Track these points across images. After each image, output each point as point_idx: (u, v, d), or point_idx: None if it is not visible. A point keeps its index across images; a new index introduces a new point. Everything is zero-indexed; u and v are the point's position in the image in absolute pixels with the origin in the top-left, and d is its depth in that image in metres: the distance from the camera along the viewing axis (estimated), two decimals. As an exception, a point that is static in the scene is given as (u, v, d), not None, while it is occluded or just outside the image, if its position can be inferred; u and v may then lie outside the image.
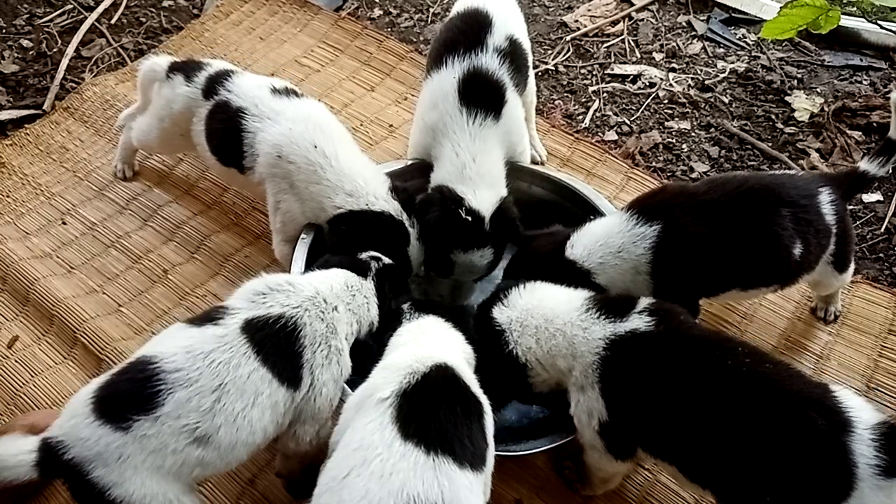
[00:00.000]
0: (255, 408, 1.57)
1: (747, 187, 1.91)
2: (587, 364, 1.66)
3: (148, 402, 1.49)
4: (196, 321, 1.65)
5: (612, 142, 2.95)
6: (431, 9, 3.57)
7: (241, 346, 1.58)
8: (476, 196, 2.09)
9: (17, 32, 3.41)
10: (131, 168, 2.78)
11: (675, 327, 1.64)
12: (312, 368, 1.66)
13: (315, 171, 2.08)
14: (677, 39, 3.39)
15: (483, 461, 1.47)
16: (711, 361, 1.56)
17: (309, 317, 1.67)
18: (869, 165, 2.05)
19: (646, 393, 1.60)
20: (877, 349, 2.30)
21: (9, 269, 2.45)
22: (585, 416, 1.68)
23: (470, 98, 2.16)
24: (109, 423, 1.47)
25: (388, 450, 1.35)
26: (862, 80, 3.17)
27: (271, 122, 2.16)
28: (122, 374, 1.56)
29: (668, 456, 1.62)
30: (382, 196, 2.10)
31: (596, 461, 1.78)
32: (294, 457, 1.83)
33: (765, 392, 1.50)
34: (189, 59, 2.48)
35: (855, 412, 1.47)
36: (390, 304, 1.88)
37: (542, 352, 1.74)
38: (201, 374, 1.53)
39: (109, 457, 1.46)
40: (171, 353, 1.55)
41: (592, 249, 1.94)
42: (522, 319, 1.77)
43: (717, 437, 1.52)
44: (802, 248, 1.90)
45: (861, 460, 1.42)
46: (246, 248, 2.56)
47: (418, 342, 1.67)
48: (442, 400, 1.47)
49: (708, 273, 1.92)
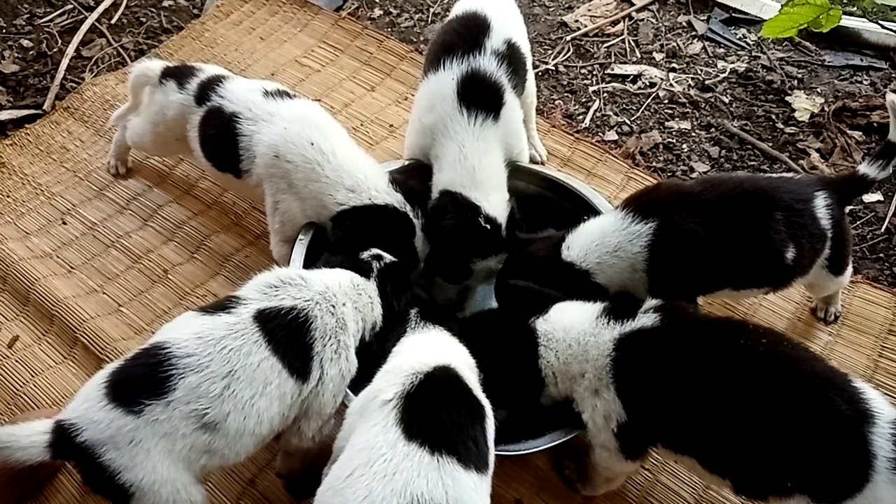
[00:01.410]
0: (263, 397, 1.58)
1: (742, 190, 1.91)
2: (600, 367, 1.66)
3: (160, 386, 1.50)
4: (208, 309, 1.66)
5: (613, 142, 2.95)
6: (431, 9, 3.57)
7: (253, 335, 1.59)
8: (490, 203, 2.10)
9: (17, 32, 3.41)
10: (124, 165, 2.79)
11: (683, 318, 1.65)
12: (322, 362, 1.67)
13: (313, 169, 2.08)
14: (677, 39, 3.38)
15: (487, 463, 1.47)
16: (725, 343, 1.56)
17: (320, 310, 1.68)
18: (869, 169, 2.04)
19: (662, 386, 1.60)
20: (877, 349, 2.30)
21: (9, 269, 2.45)
22: (602, 420, 1.68)
23: (469, 99, 2.16)
24: (122, 407, 1.49)
25: (392, 450, 1.36)
26: (862, 80, 3.16)
27: (266, 124, 2.16)
28: (135, 359, 1.57)
29: (688, 448, 1.61)
30: (384, 189, 2.10)
31: (605, 461, 1.78)
32: (296, 454, 1.83)
33: (785, 372, 1.49)
34: (181, 65, 2.47)
35: (876, 404, 1.47)
36: (394, 306, 1.88)
37: (558, 364, 1.75)
38: (212, 360, 1.54)
39: (121, 440, 1.47)
40: (182, 339, 1.56)
41: (589, 250, 1.94)
42: (551, 333, 1.77)
43: (737, 422, 1.51)
44: (795, 252, 1.90)
45: (880, 453, 1.41)
46: (246, 248, 2.57)
47: (420, 347, 1.68)
48: (445, 401, 1.47)
49: (701, 271, 1.92)
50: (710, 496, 1.99)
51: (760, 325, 1.64)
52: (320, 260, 1.99)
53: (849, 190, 2.05)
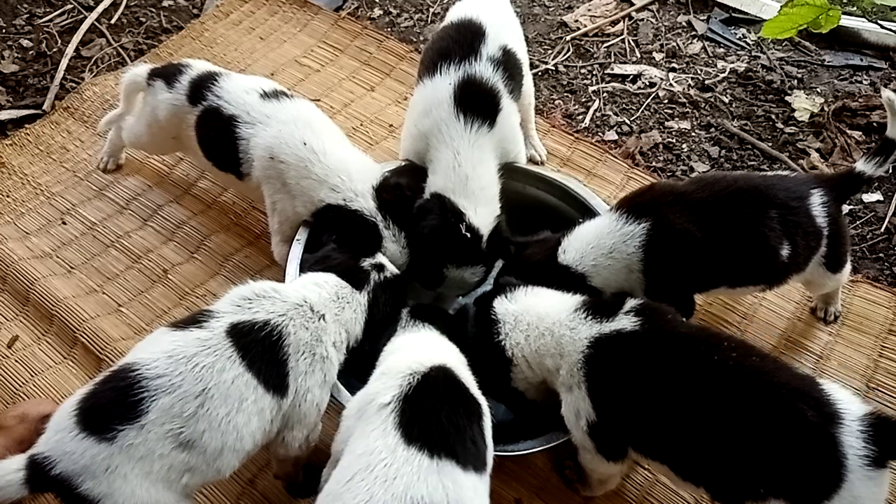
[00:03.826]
0: (240, 413, 1.54)
1: (736, 188, 1.91)
2: (573, 363, 1.67)
3: (131, 410, 1.46)
4: (179, 324, 1.62)
5: (612, 142, 2.95)
6: (431, 9, 3.57)
7: (226, 351, 1.56)
8: (476, 213, 2.08)
9: (17, 32, 3.41)
10: (115, 162, 2.79)
11: (660, 325, 1.64)
12: (297, 376, 1.64)
13: (305, 167, 2.09)
14: (677, 39, 3.38)
15: (485, 463, 1.47)
16: (697, 357, 1.56)
17: (294, 326, 1.65)
18: (865, 166, 2.03)
19: (632, 391, 1.60)
20: (877, 349, 2.30)
21: (9, 268, 2.45)
22: (573, 417, 1.69)
23: (466, 106, 2.15)
24: (94, 435, 1.45)
25: (392, 455, 1.36)
26: (862, 79, 3.16)
27: (263, 127, 2.17)
28: (104, 383, 1.53)
29: (660, 455, 1.62)
30: (362, 193, 2.08)
31: (588, 462, 1.79)
32: (286, 461, 1.83)
33: (753, 385, 1.50)
34: (168, 64, 2.45)
35: (843, 404, 1.48)
36: (385, 317, 1.86)
37: (529, 349, 1.75)
38: (184, 379, 1.50)
39: (97, 469, 1.44)
40: (152, 359, 1.52)
41: (585, 252, 1.94)
42: (518, 314, 1.78)
43: (707, 433, 1.52)
44: (790, 250, 1.90)
45: (850, 452, 1.42)
46: (246, 248, 2.57)
47: (413, 346, 1.67)
48: (443, 402, 1.47)
49: (696, 270, 1.92)
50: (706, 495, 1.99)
51: (734, 338, 1.64)
52: (322, 251, 1.96)
53: (845, 187, 2.05)
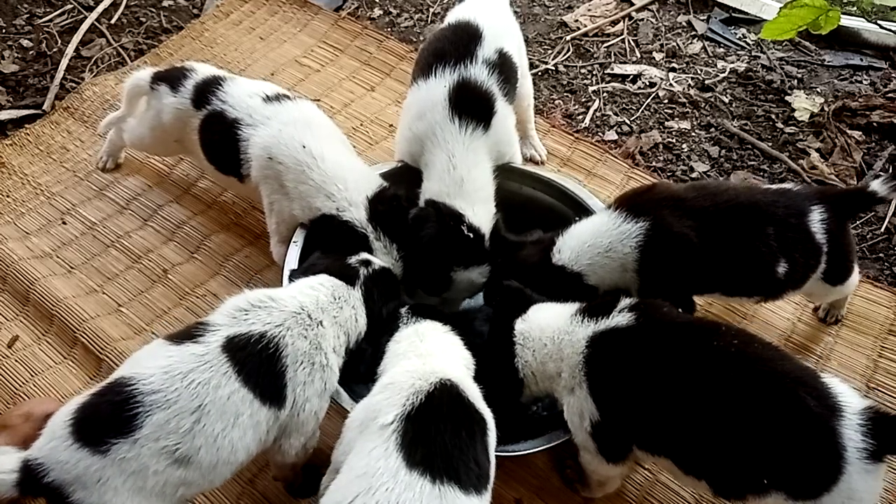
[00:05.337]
0: (235, 428, 1.54)
1: (737, 203, 1.89)
2: (573, 365, 1.67)
3: (126, 424, 1.46)
4: (176, 338, 1.61)
5: (612, 142, 2.95)
6: (431, 9, 3.57)
7: (222, 366, 1.54)
8: (475, 213, 2.08)
9: (17, 32, 3.41)
10: (114, 161, 2.80)
11: (656, 317, 1.64)
12: (295, 387, 1.63)
13: (303, 171, 2.08)
14: (677, 39, 3.38)
15: (487, 481, 1.46)
16: (697, 344, 1.57)
17: (291, 336, 1.63)
18: (880, 187, 1.98)
19: (634, 385, 1.60)
20: (877, 349, 2.30)
21: (9, 268, 2.45)
22: (577, 418, 1.68)
23: (461, 108, 2.14)
24: (87, 447, 1.45)
25: (394, 479, 1.34)
26: (862, 79, 3.16)
27: (263, 127, 2.17)
28: (100, 395, 1.53)
29: (663, 449, 1.62)
30: (356, 203, 2.07)
31: (589, 463, 1.79)
32: (283, 467, 1.82)
33: (756, 372, 1.50)
34: (172, 68, 2.45)
35: (843, 397, 1.48)
36: (381, 313, 1.84)
37: (535, 364, 1.75)
38: (180, 396, 1.49)
39: (89, 480, 1.44)
40: (148, 374, 1.52)
41: (580, 252, 1.93)
42: (527, 333, 1.77)
43: (710, 421, 1.52)
44: (787, 267, 1.89)
45: (850, 444, 1.43)
46: (246, 248, 2.57)
47: (419, 353, 1.65)
48: (447, 423, 1.44)
49: (691, 274, 1.92)
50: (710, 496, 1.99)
51: (733, 326, 1.64)
52: (308, 261, 1.95)
53: (853, 204, 2.03)
